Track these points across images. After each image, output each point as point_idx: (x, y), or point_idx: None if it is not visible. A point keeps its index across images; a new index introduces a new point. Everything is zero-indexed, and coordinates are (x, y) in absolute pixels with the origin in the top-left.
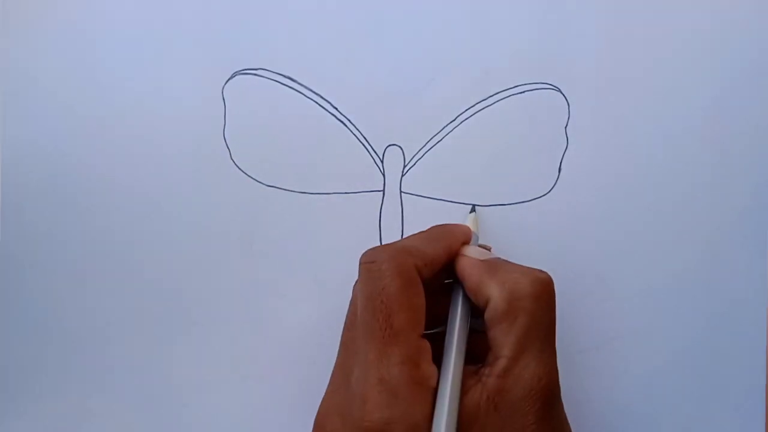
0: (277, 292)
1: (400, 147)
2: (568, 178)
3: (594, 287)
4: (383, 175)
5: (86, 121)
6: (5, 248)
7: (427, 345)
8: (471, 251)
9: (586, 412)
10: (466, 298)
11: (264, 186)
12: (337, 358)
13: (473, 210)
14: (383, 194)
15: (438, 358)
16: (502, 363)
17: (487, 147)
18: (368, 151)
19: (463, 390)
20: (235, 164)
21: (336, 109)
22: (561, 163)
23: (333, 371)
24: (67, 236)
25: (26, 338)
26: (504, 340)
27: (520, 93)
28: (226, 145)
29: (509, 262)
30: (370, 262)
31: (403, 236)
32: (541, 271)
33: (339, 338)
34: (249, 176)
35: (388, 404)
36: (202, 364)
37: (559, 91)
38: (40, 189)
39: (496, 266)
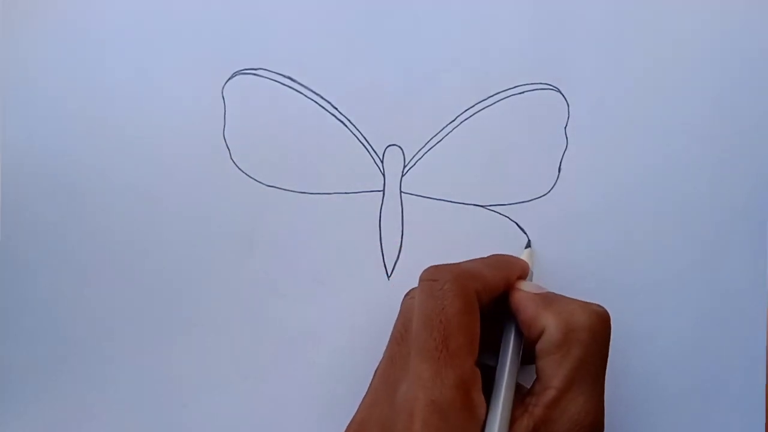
0: (277, 292)
1: (400, 147)
2: (568, 178)
3: (594, 287)
4: (383, 175)
5: (86, 121)
6: (5, 248)
7: (478, 373)
8: (526, 285)
9: None
10: (518, 333)
11: (264, 186)
12: (380, 368)
13: (529, 245)
14: (383, 194)
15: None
16: (551, 393)
17: (486, 147)
18: (368, 151)
19: (511, 419)
20: (235, 164)
21: (336, 109)
22: (561, 163)
23: (374, 382)
24: (66, 236)
25: (26, 338)
26: (555, 371)
27: (520, 93)
28: (226, 145)
29: (565, 296)
30: (432, 279)
31: (404, 237)
32: (599, 305)
33: (339, 337)
34: (249, 176)
35: (437, 427)
36: (202, 364)
37: (559, 91)
38: (40, 189)
39: (552, 299)
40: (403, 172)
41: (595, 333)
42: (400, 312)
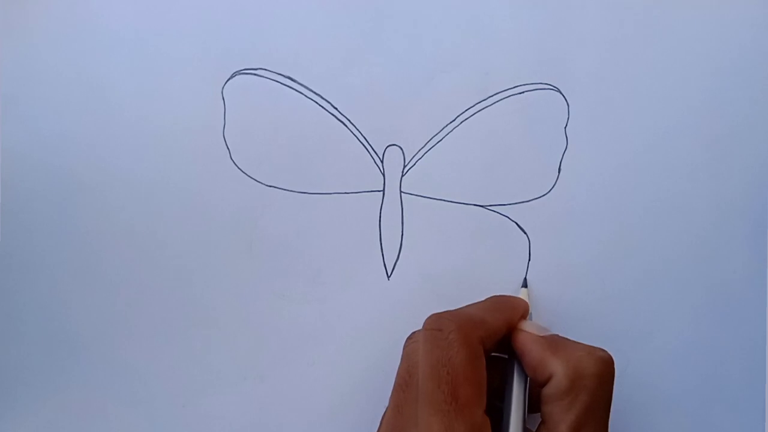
0: (277, 292)
1: (400, 147)
2: (568, 178)
3: (594, 287)
4: (383, 175)
5: (86, 121)
6: (5, 248)
7: (488, 421)
8: (529, 326)
9: None
10: (522, 375)
11: (264, 186)
12: (386, 417)
13: (525, 285)
14: (383, 194)
15: None
16: None
17: (486, 147)
18: (368, 151)
19: None
20: (235, 164)
21: (336, 109)
22: (561, 163)
23: (381, 430)
24: (66, 237)
25: (26, 338)
26: (563, 416)
27: (520, 93)
28: (226, 145)
29: (569, 339)
30: (436, 329)
31: (404, 237)
32: (602, 350)
33: (338, 337)
34: (249, 176)
35: None
36: (202, 364)
37: (559, 91)
38: (40, 190)
39: (557, 343)
40: (403, 171)
41: (601, 379)
42: (403, 357)
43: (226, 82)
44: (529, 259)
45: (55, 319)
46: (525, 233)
